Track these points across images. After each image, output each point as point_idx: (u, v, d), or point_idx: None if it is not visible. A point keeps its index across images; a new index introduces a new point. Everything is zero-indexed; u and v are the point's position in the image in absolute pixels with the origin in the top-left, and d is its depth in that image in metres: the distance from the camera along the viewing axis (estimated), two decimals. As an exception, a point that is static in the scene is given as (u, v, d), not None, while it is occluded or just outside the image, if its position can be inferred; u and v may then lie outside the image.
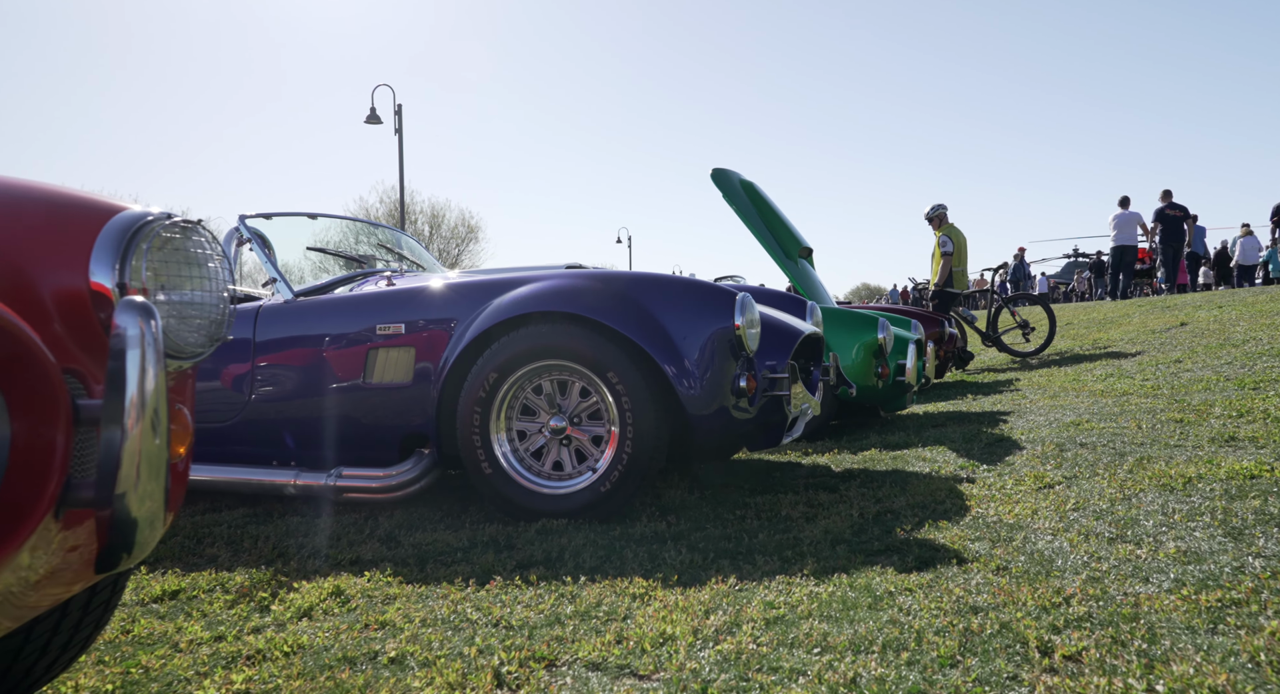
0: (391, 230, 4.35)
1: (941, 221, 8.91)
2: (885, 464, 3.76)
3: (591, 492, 2.80)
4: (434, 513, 3.04)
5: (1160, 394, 5.22)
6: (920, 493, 2.94)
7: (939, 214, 8.96)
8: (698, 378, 2.80)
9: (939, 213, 8.97)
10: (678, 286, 2.93)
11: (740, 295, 2.91)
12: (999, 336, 9.28)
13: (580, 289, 2.88)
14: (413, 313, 3.07)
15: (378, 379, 3.06)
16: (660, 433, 2.79)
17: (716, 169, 5.70)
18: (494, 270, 3.10)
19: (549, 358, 2.84)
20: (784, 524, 2.62)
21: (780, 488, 3.29)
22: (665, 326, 2.83)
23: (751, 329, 2.93)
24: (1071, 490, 2.79)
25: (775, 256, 5.70)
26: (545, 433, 2.91)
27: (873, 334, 4.96)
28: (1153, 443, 3.59)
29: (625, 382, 2.77)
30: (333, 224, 4.00)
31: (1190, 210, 13.77)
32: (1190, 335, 7.88)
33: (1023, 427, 4.58)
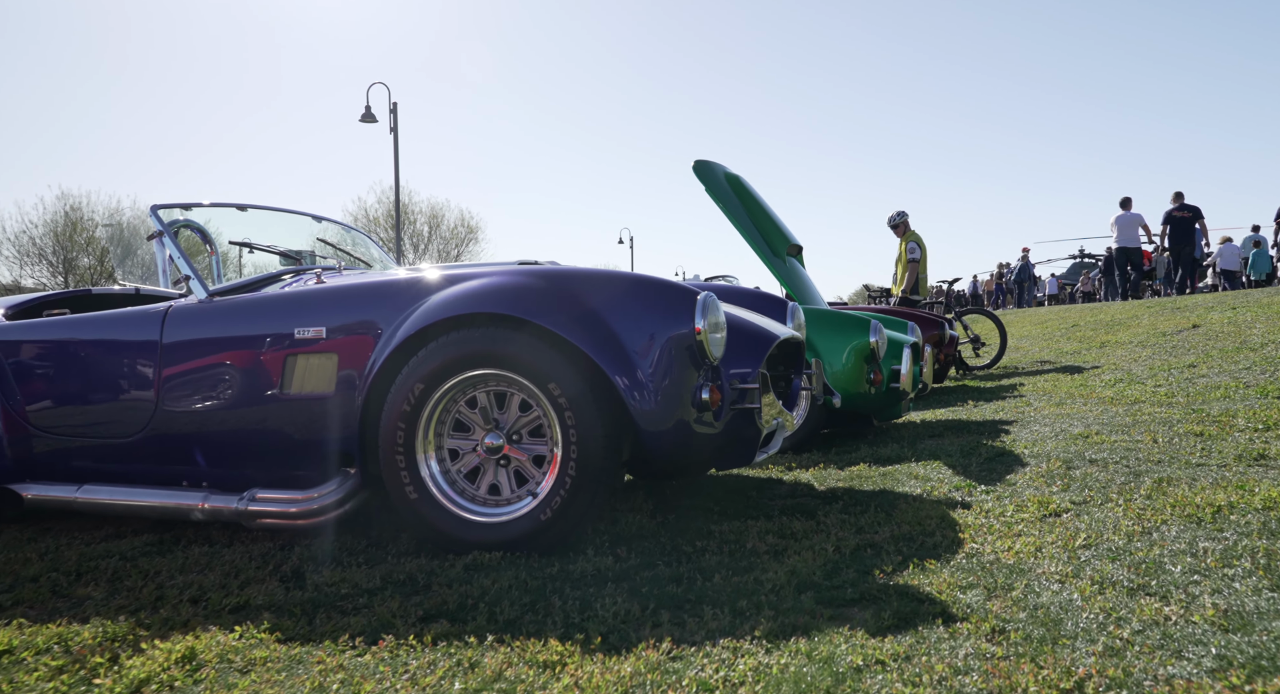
0: (341, 225, 4.00)
1: (905, 228, 8.83)
2: (873, 482, 3.40)
3: (530, 520, 2.44)
4: (358, 542, 2.68)
5: (1175, 402, 4.84)
6: (908, 521, 2.58)
7: (903, 221, 8.86)
8: (652, 389, 2.44)
9: (903, 220, 8.87)
10: (630, 285, 2.57)
11: (702, 295, 2.55)
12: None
13: (519, 288, 2.52)
14: (335, 314, 2.72)
15: (296, 389, 2.71)
16: (610, 453, 2.44)
17: (699, 161, 5.34)
18: (441, 268, 2.74)
19: (483, 366, 2.49)
20: (747, 561, 2.26)
21: (752, 511, 2.93)
22: (616, 331, 2.47)
23: (715, 334, 2.57)
24: (1081, 520, 2.43)
25: (762, 255, 5.33)
26: (480, 452, 2.55)
27: (864, 337, 4.59)
28: (1171, 460, 3.22)
29: (569, 394, 2.41)
30: (272, 217, 3.65)
31: (1201, 211, 13.40)
32: (1204, 338, 7.51)
33: (1026, 438, 4.22)
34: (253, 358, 2.75)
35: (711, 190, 5.29)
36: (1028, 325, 12.76)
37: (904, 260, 8.67)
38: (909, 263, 8.59)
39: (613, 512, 2.98)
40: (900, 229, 8.85)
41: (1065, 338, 10.10)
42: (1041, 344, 10.19)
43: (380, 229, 38.67)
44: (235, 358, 2.77)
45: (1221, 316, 8.55)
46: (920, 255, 8.69)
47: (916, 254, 8.63)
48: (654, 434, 2.45)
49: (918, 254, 8.64)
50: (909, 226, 8.84)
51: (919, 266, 8.67)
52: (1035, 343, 10.45)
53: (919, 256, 8.65)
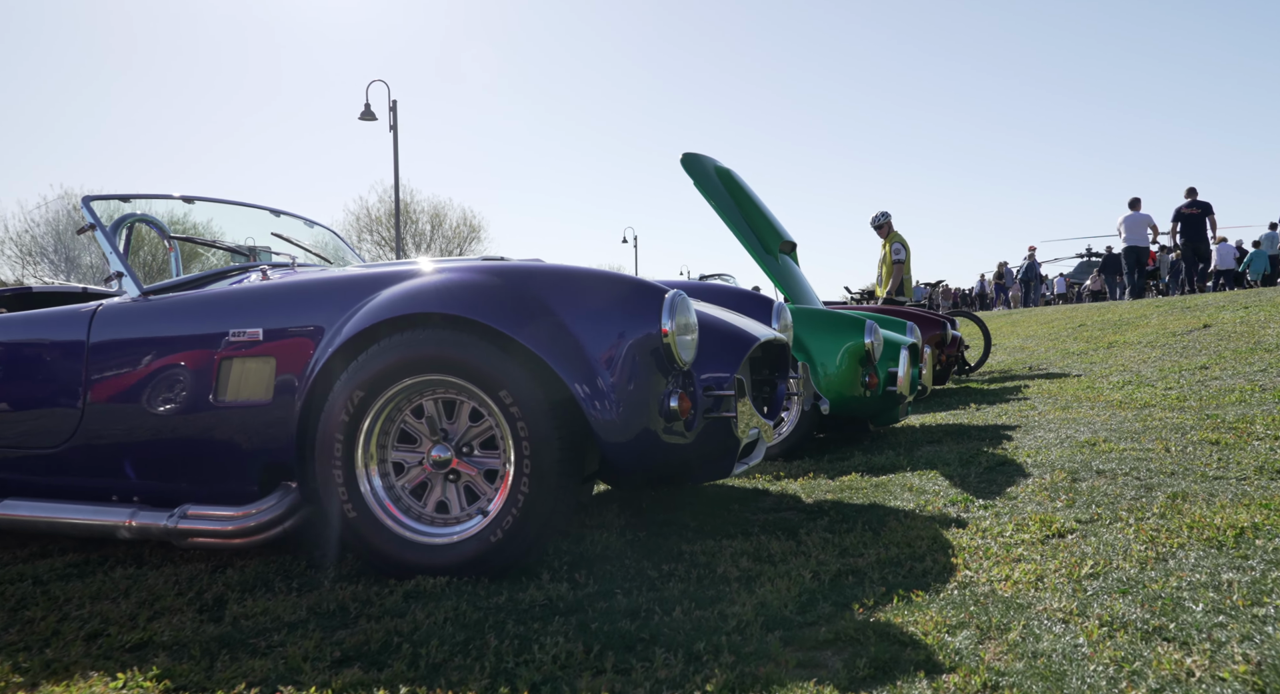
0: (302, 219, 3.78)
1: (889, 230, 8.77)
2: (863, 495, 3.16)
3: (479, 542, 2.22)
4: (297, 563, 2.46)
5: (1188, 407, 4.59)
6: (896, 542, 2.35)
7: (887, 222, 8.79)
8: (614, 397, 2.21)
9: (887, 221, 8.81)
10: (591, 283, 2.34)
11: (670, 294, 2.33)
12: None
13: (470, 286, 2.30)
14: (273, 314, 2.50)
15: (231, 396, 2.48)
16: (568, 467, 2.21)
17: (688, 154, 5.11)
18: (393, 265, 2.50)
19: (428, 372, 2.26)
20: (715, 590, 2.03)
21: (730, 528, 2.70)
22: (574, 332, 2.24)
23: (685, 336, 2.34)
24: (1088, 544, 2.19)
25: (753, 251, 5.09)
26: (426, 466, 2.32)
27: (858, 338, 4.36)
28: (1186, 472, 2.97)
29: (522, 402, 2.18)
30: (224, 211, 3.43)
31: (1211, 207, 13.18)
32: (1215, 338, 7.25)
33: (1029, 446, 3.98)
34: (185, 361, 2.53)
35: (700, 184, 5.05)
36: (1033, 325, 12.49)
37: (888, 262, 8.64)
38: (893, 264, 8.56)
39: (580, 528, 2.76)
40: (884, 230, 8.78)
41: (1072, 338, 9.85)
42: (1047, 344, 9.93)
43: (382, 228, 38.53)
44: (167, 361, 2.55)
45: (1233, 316, 8.29)
46: (905, 257, 8.65)
47: (901, 255, 8.58)
48: (616, 446, 2.22)
49: (903, 255, 8.60)
50: (892, 227, 8.77)
51: (904, 268, 8.62)
52: (1041, 343, 10.20)
53: (904, 258, 8.61)
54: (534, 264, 2.41)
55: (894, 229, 8.75)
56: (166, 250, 3.44)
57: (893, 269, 8.55)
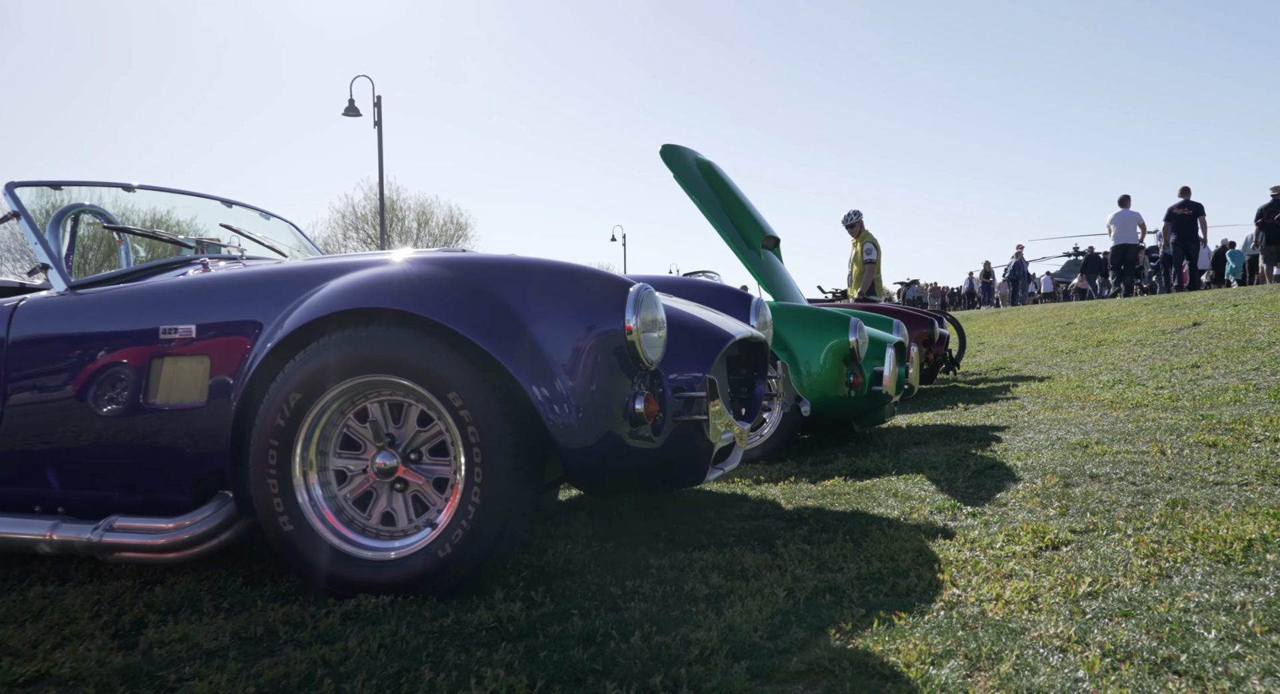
0: (258, 211, 3.58)
1: (860, 229, 8.72)
2: (846, 501, 3.00)
3: (426, 557, 2.04)
4: (232, 579, 2.27)
5: (1181, 407, 4.45)
6: (879, 555, 2.18)
7: (859, 221, 8.76)
8: (573, 400, 2.03)
9: (859, 220, 8.77)
10: (549, 276, 2.16)
11: (635, 287, 2.15)
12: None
13: (417, 278, 2.11)
14: (208, 310, 2.31)
15: (163, 398, 2.29)
16: (524, 475, 2.03)
17: (667, 145, 4.93)
18: (342, 257, 2.31)
19: (372, 372, 2.08)
20: (680, 610, 1.85)
21: (704, 538, 2.53)
22: (530, 329, 2.06)
23: (651, 332, 2.17)
24: (1085, 557, 2.03)
25: (734, 246, 4.92)
26: (371, 473, 2.14)
27: (842, 336, 4.19)
28: (1184, 477, 2.82)
29: (472, 405, 2.00)
30: (173, 201, 3.23)
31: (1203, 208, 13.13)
32: (1206, 337, 7.13)
33: (1020, 447, 3.82)
34: (114, 360, 2.34)
35: (681, 177, 4.88)
36: (1021, 323, 12.39)
37: (860, 261, 8.60)
38: (865, 264, 8.52)
39: (544, 538, 2.58)
40: (855, 229, 8.73)
41: (1060, 336, 9.73)
42: (1035, 343, 9.81)
43: (367, 225, 38.23)
44: (94, 360, 2.36)
45: (1223, 314, 8.18)
46: (877, 256, 8.63)
47: (873, 255, 8.57)
48: (576, 451, 2.04)
49: (874, 255, 8.58)
50: (864, 226, 8.73)
51: (875, 268, 8.60)
52: (1029, 341, 10.08)
53: (875, 257, 8.59)
54: (489, 256, 2.23)
55: (865, 228, 8.72)
56: (118, 243, 3.25)
57: (864, 269, 8.53)
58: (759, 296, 3.28)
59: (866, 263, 8.52)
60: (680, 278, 3.36)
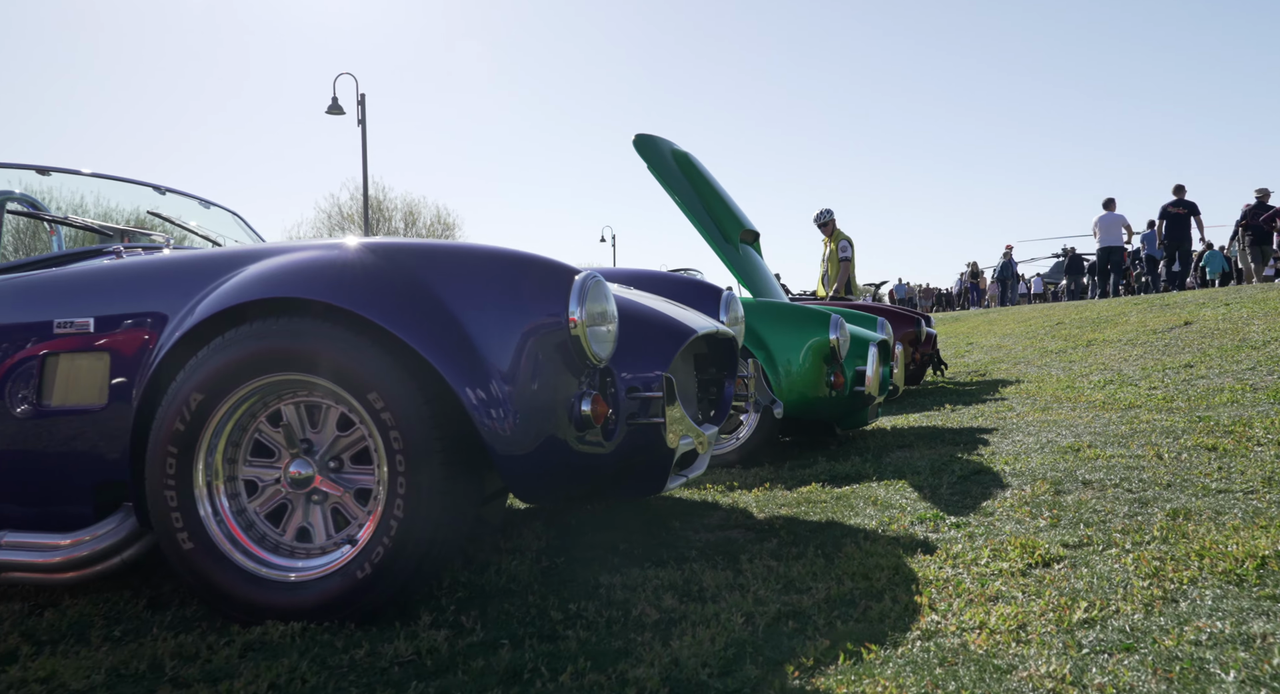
0: (198, 199, 3.35)
1: (833, 227, 8.61)
2: (822, 510, 2.78)
3: (344, 578, 1.81)
4: (135, 602, 2.04)
5: (1176, 408, 4.26)
6: (851, 573, 1.97)
7: (831, 219, 8.65)
8: (510, 402, 1.81)
9: (832, 218, 8.66)
10: (484, 262, 1.94)
11: (582, 275, 1.93)
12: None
13: (334, 265, 1.89)
14: (108, 301, 2.08)
15: (59, 399, 2.06)
16: (455, 486, 1.81)
17: (640, 135, 4.71)
18: (264, 246, 2.06)
19: (283, 370, 1.85)
20: (624, 639, 1.64)
21: (664, 552, 2.31)
22: (462, 322, 1.84)
23: (600, 326, 1.95)
24: (1079, 577, 1.82)
25: (711, 240, 4.70)
26: (284, 484, 1.91)
27: (822, 334, 3.99)
28: (1184, 484, 2.62)
29: (394, 407, 1.78)
30: (94, 185, 2.99)
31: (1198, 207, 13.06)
32: (1198, 336, 6.96)
33: (1008, 451, 3.62)
34: (4, 357, 2.11)
35: (655, 168, 4.66)
36: (1010, 323, 12.22)
37: (835, 260, 8.50)
38: (840, 262, 8.42)
39: (490, 552, 2.36)
40: (828, 227, 8.60)
41: (1049, 336, 9.56)
42: (1024, 343, 9.64)
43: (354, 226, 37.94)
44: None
45: (1215, 313, 8.02)
46: (851, 254, 8.53)
47: (848, 253, 8.47)
48: (514, 459, 1.82)
49: (849, 253, 8.49)
50: (836, 225, 8.59)
51: (850, 265, 8.50)
52: (1018, 342, 9.91)
53: (850, 255, 8.50)
54: (420, 241, 2.00)
55: (838, 226, 8.59)
56: (49, 233, 3.01)
57: (840, 267, 8.42)
58: (730, 291, 3.06)
59: (842, 260, 8.42)
60: (646, 270, 3.15)
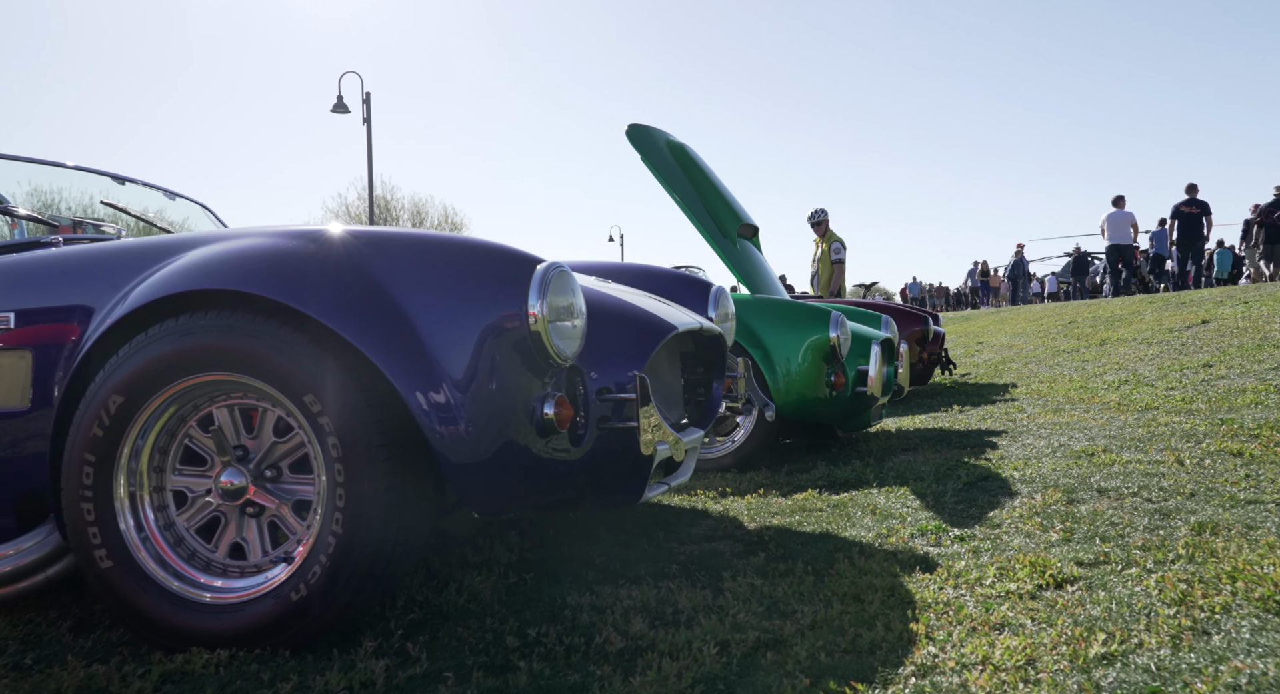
0: (163, 191, 3.18)
1: (826, 227, 8.47)
2: (817, 520, 2.60)
3: (277, 600, 1.63)
4: (58, 624, 1.87)
5: (1196, 410, 4.05)
6: (842, 594, 1.78)
7: (825, 219, 8.50)
8: (462, 404, 1.63)
9: (825, 218, 8.50)
10: (436, 251, 1.76)
11: (544, 266, 1.75)
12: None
13: (270, 253, 1.72)
14: (29, 293, 1.91)
15: (-22, 402, 1.90)
16: (405, 496, 1.64)
17: (634, 125, 4.53)
18: (199, 234, 1.87)
19: (213, 369, 1.68)
20: (581, 673, 1.45)
21: (641, 568, 2.13)
22: (410, 317, 1.66)
23: (563, 322, 1.77)
24: (1096, 600, 1.63)
25: (708, 234, 4.52)
26: (215, 495, 1.74)
27: (822, 332, 3.80)
28: (1209, 493, 2.42)
29: (333, 410, 1.61)
30: (49, 175, 2.83)
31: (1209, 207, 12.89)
32: (1216, 334, 6.73)
33: (1017, 456, 3.42)
34: (-76, 357, 1.94)
35: (649, 159, 4.48)
36: (1021, 322, 11.98)
37: (828, 261, 8.36)
38: (834, 263, 8.30)
39: (455, 567, 2.18)
40: (821, 227, 8.45)
41: (1061, 335, 9.33)
42: (1036, 342, 9.41)
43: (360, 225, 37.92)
44: (-98, 357, 1.96)
45: (1233, 311, 7.78)
46: (845, 255, 8.42)
47: (842, 254, 8.37)
48: (466, 469, 1.64)
49: (843, 254, 8.39)
50: (829, 225, 8.44)
51: (843, 267, 8.39)
52: (1029, 341, 9.68)
53: (844, 257, 8.39)
54: (365, 229, 1.82)
55: (830, 227, 8.44)
56: (10, 226, 2.85)
57: (834, 268, 8.30)
58: (718, 285, 2.88)
59: (835, 262, 8.30)
60: (630, 264, 2.96)
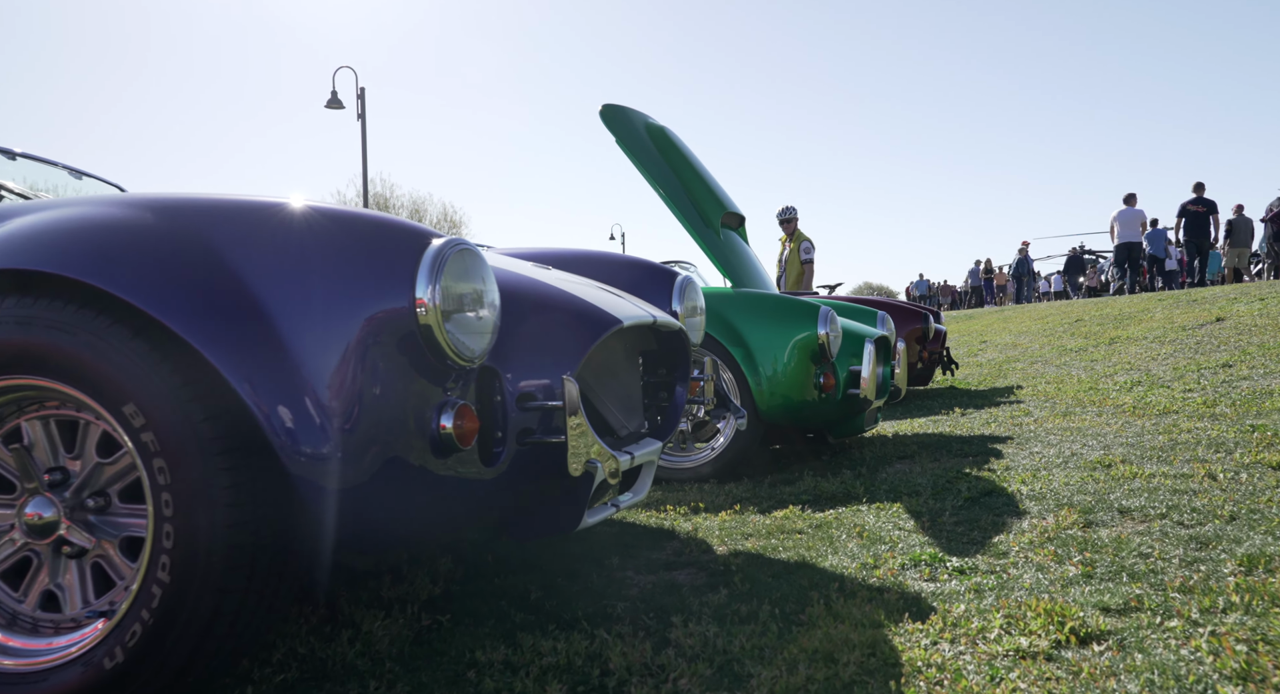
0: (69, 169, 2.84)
1: (795, 226, 8.19)
2: (796, 544, 2.24)
3: (87, 668, 1.28)
4: None
5: (1221, 415, 3.69)
6: (810, 652, 1.43)
7: (794, 217, 8.22)
8: (329, 418, 1.28)
9: (794, 216, 8.23)
10: (300, 224, 1.40)
11: (438, 243, 1.41)
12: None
13: (93, 225, 1.37)
14: None
15: None
16: (244, 535, 1.29)
17: (609, 105, 4.17)
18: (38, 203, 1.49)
19: (9, 373, 1.33)
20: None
21: (581, 608, 1.78)
22: (264, 306, 1.31)
23: (467, 312, 1.42)
24: (1131, 668, 1.27)
25: (689, 223, 4.15)
26: (17, 530, 1.39)
27: (809, 328, 3.45)
28: (1253, 516, 2.07)
29: (159, 426, 1.26)
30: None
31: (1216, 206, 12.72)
32: (1233, 332, 6.36)
33: (1025, 466, 3.07)
34: None
35: (624, 141, 4.11)
36: (1026, 321, 11.61)
37: (797, 260, 8.11)
38: (804, 263, 8.06)
39: (355, 607, 1.83)
40: (790, 226, 8.16)
41: (1068, 334, 8.96)
42: (1042, 341, 9.05)
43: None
44: None
45: (1249, 308, 7.41)
46: (813, 256, 8.19)
47: (812, 254, 8.15)
48: (335, 498, 1.29)
49: (813, 254, 8.16)
50: (798, 225, 8.16)
51: (813, 268, 8.16)
52: (1035, 339, 9.31)
53: (814, 256, 8.15)
54: (218, 197, 1.47)
55: (799, 227, 8.15)
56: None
57: (804, 268, 8.05)
58: (685, 275, 2.52)
59: (805, 262, 8.03)
60: (583, 250, 2.60)
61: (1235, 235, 13.38)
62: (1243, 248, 13.69)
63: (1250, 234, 13.86)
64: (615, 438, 2.22)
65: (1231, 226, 13.35)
